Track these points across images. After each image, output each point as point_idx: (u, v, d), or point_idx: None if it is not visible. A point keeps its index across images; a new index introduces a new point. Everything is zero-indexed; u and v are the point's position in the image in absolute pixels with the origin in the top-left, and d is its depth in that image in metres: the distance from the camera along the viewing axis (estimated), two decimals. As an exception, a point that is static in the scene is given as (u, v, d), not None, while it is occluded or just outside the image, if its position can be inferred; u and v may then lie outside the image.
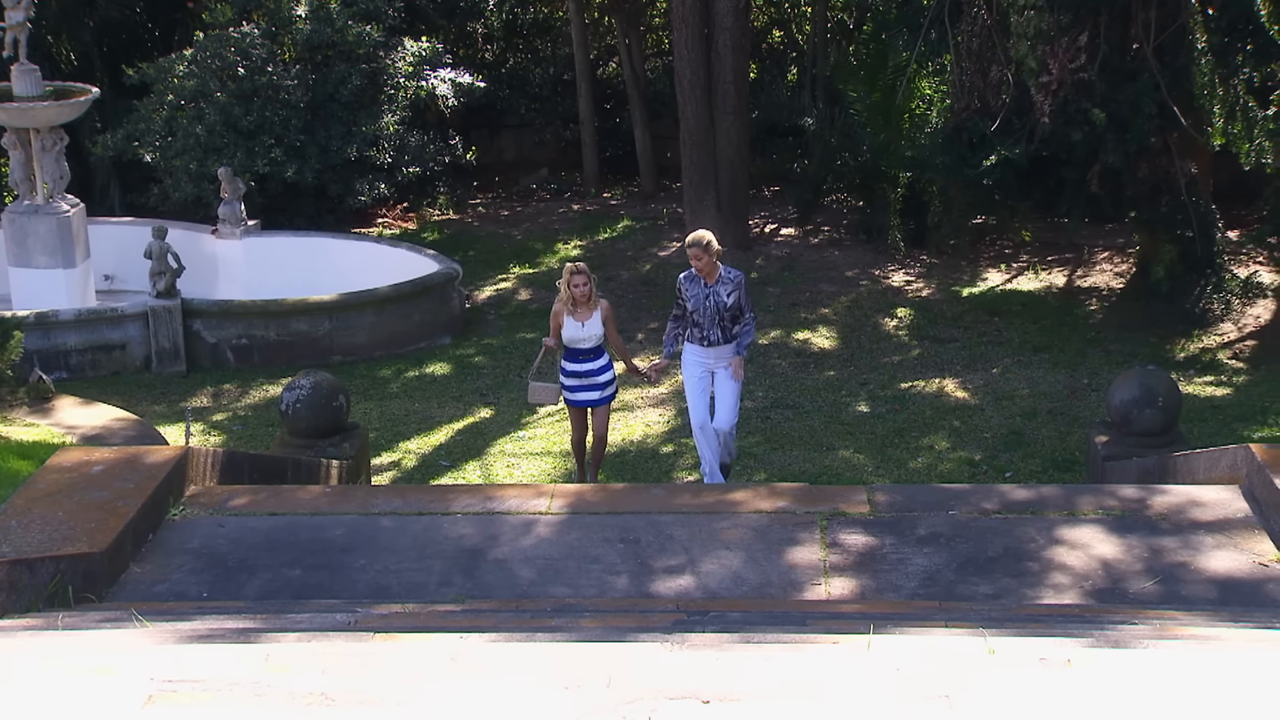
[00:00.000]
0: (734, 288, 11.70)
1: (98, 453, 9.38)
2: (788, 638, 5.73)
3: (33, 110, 18.84)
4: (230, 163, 21.50)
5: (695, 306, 11.72)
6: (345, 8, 23.63)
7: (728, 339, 11.78)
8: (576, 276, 12.24)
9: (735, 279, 11.76)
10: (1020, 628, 6.26)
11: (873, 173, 23.22)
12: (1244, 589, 7.77)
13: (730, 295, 11.68)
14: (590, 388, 12.40)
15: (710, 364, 11.89)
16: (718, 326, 11.71)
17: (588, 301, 12.26)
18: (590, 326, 12.28)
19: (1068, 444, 14.69)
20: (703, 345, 11.82)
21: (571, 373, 12.36)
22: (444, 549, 8.46)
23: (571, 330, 12.27)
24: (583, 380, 12.36)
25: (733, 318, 11.75)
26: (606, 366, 12.47)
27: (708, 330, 11.72)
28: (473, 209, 26.54)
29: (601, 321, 12.31)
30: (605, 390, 12.49)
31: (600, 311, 12.32)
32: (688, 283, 11.76)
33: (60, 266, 19.28)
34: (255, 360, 18.58)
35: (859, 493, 9.40)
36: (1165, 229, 18.62)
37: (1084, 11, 17.39)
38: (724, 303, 11.67)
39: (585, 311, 12.27)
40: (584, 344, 12.29)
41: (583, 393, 12.42)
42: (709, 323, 11.70)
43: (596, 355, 12.36)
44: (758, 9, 28.10)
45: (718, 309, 11.66)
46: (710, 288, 11.66)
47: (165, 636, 5.64)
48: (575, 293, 12.21)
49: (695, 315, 11.74)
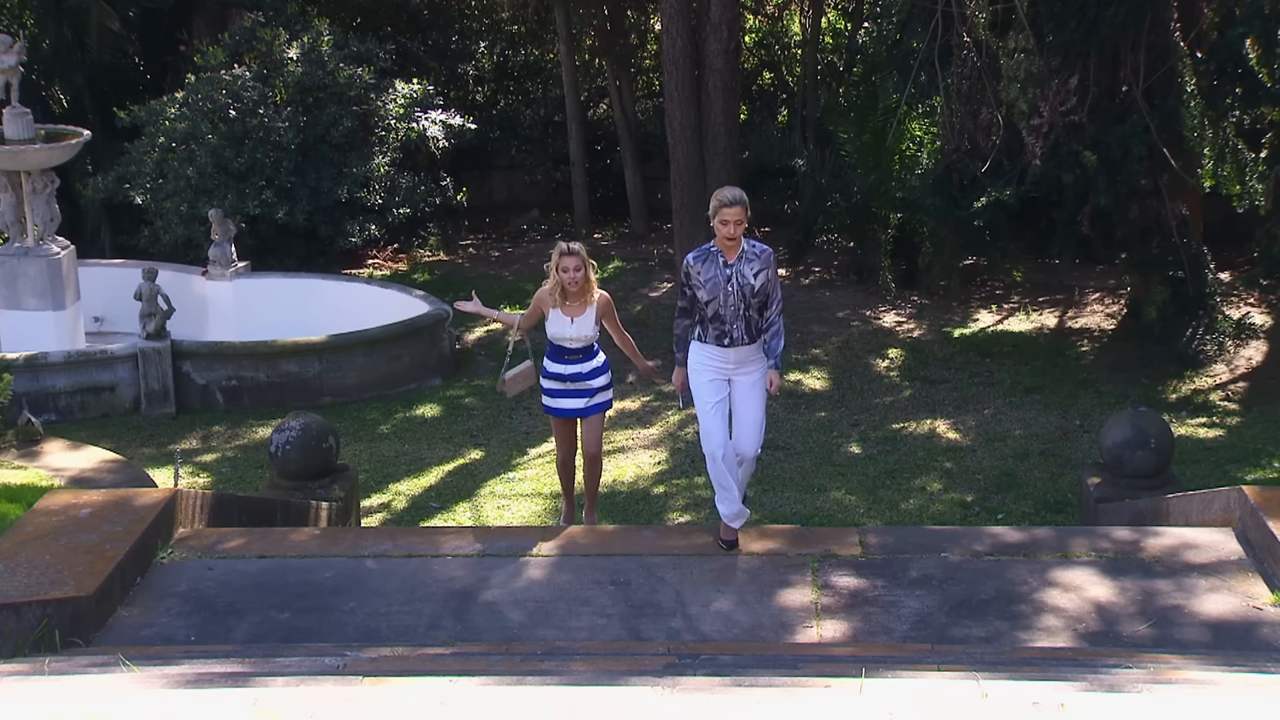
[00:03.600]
0: (762, 265, 9.17)
1: (86, 495, 9.35)
2: (780, 681, 5.70)
3: (24, 153, 18.83)
4: (221, 204, 21.50)
5: (712, 294, 9.12)
6: (337, 50, 23.74)
7: (753, 336, 9.22)
8: (567, 258, 9.98)
9: (763, 255, 9.21)
10: (1013, 671, 6.23)
11: (863, 214, 23.25)
12: (1238, 632, 7.74)
13: (758, 275, 9.13)
14: (578, 393, 10.23)
15: (729, 370, 9.30)
16: (742, 320, 9.14)
17: (582, 292, 10.06)
18: (581, 325, 10.11)
19: (1060, 485, 14.66)
20: (720, 345, 9.22)
21: (555, 374, 10.20)
22: (434, 591, 8.42)
23: (557, 325, 10.10)
24: (569, 384, 10.21)
25: (760, 307, 9.19)
26: (601, 368, 10.33)
27: (730, 325, 9.14)
28: (463, 250, 26.55)
29: (597, 319, 10.19)
30: (597, 396, 10.29)
31: (596, 307, 10.13)
32: (699, 263, 9.22)
33: (50, 309, 19.24)
34: (245, 402, 18.53)
35: (851, 534, 9.37)
36: (1157, 270, 18.63)
37: (1073, 54, 17.45)
38: (750, 285, 9.10)
39: (577, 305, 10.07)
40: (571, 343, 10.16)
41: (568, 399, 10.25)
42: (732, 315, 9.13)
43: (589, 354, 10.26)
44: (748, 51, 28.21)
45: (742, 295, 9.10)
46: (731, 266, 9.13)
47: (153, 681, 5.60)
48: (564, 279, 9.96)
49: (712, 306, 9.15)
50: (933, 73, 18.82)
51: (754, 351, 9.30)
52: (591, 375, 10.25)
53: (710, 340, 9.24)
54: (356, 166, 23.47)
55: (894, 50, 20.80)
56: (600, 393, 10.32)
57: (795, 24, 29.11)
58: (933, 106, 20.96)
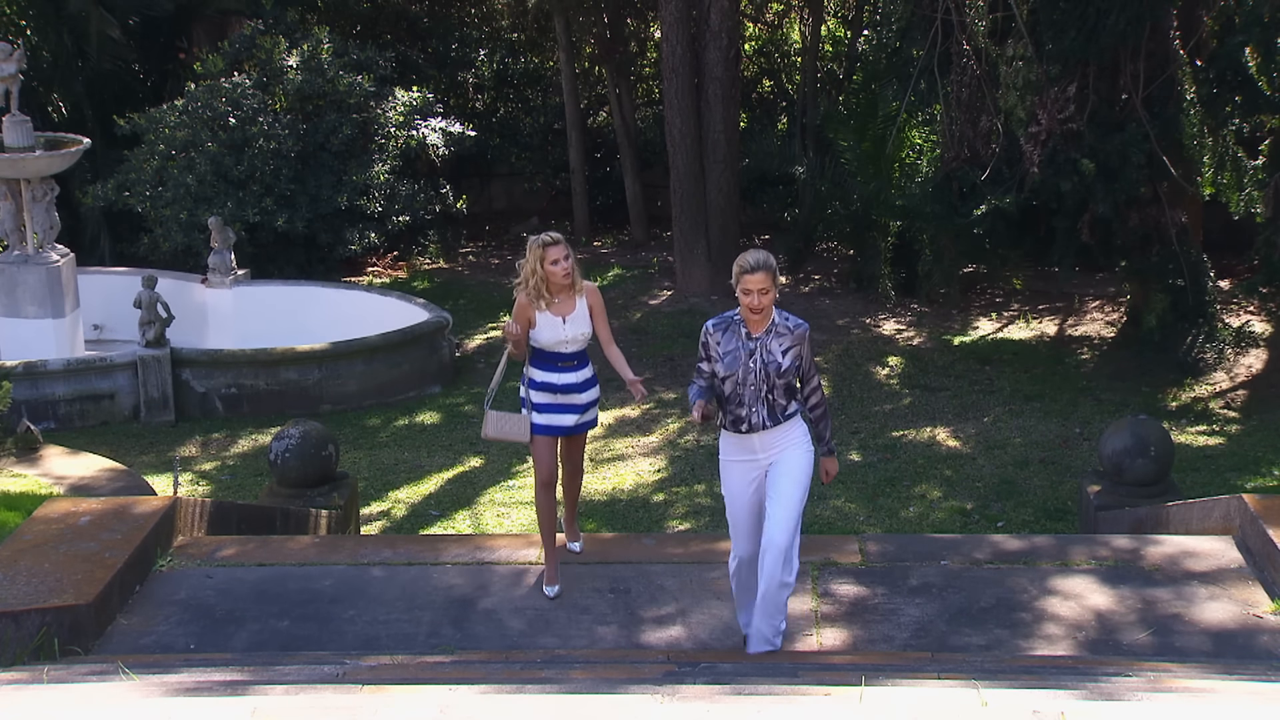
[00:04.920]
0: (793, 342, 7.78)
1: (85, 503, 9.34)
2: (779, 689, 5.69)
3: (24, 161, 18.83)
4: (220, 212, 21.50)
5: (729, 369, 7.74)
6: (336, 58, 23.74)
7: (777, 419, 7.78)
8: (552, 248, 8.61)
9: (796, 331, 7.81)
10: (1013, 679, 6.23)
11: (863, 221, 23.25)
12: (1238, 640, 7.74)
13: (787, 353, 7.76)
14: (569, 408, 8.78)
15: (760, 459, 7.85)
16: (763, 402, 7.74)
17: (570, 287, 8.68)
18: (575, 323, 8.69)
19: (1060, 493, 14.65)
20: (740, 432, 7.82)
21: (545, 385, 8.73)
22: (433, 599, 8.42)
23: (549, 331, 8.66)
24: (559, 398, 8.75)
25: (787, 390, 7.81)
26: (593, 380, 8.90)
27: (749, 408, 7.75)
28: (463, 258, 26.55)
29: (589, 315, 8.79)
30: (586, 413, 8.91)
31: (587, 300, 8.76)
32: (719, 332, 7.83)
33: (49, 316, 19.23)
34: (244, 410, 18.52)
35: (851, 542, 9.37)
36: (1156, 278, 18.63)
37: (1072, 62, 17.46)
38: (776, 364, 7.73)
39: (566, 302, 8.67)
40: (567, 347, 8.71)
41: (558, 415, 8.77)
42: (751, 396, 7.73)
43: (580, 363, 8.79)
44: (748, 59, 28.21)
45: (766, 375, 7.72)
46: (756, 340, 7.75)
47: (152, 690, 5.59)
48: (551, 272, 8.60)
49: (729, 383, 7.76)
50: (932, 81, 18.84)
51: (784, 433, 7.85)
52: (584, 387, 8.81)
53: (729, 426, 7.88)
54: (356, 174, 23.46)
55: (894, 58, 20.82)
56: (590, 408, 8.91)
57: (795, 32, 29.13)
58: (932, 114, 20.97)
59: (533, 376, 8.74)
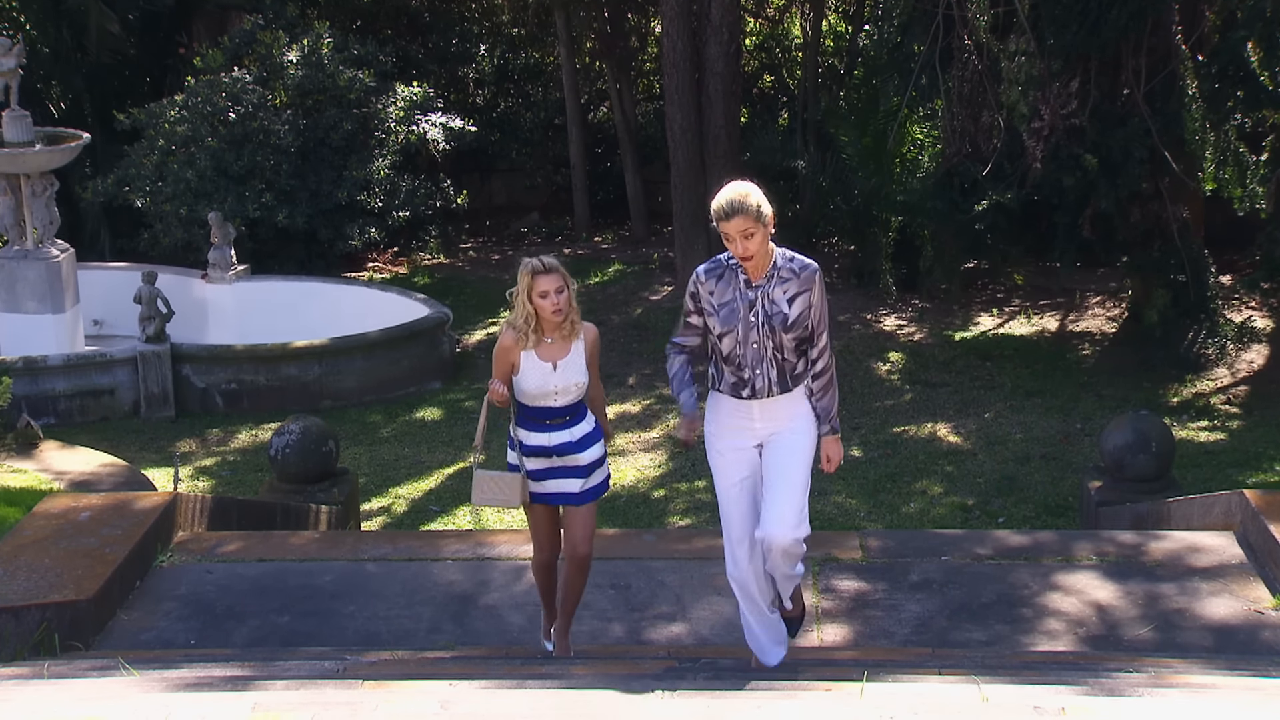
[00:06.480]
0: (800, 288, 6.56)
1: (85, 499, 9.35)
2: (780, 685, 5.69)
3: (23, 156, 18.81)
4: (221, 208, 21.48)
5: (727, 325, 6.50)
6: (337, 53, 23.71)
7: (786, 385, 6.57)
8: (543, 277, 7.01)
9: (803, 273, 6.60)
10: (1014, 675, 6.22)
11: (864, 217, 23.22)
12: (1239, 636, 7.73)
13: (794, 301, 6.54)
14: (569, 472, 7.17)
15: (756, 431, 6.64)
16: (769, 363, 6.51)
17: (563, 325, 7.06)
18: (568, 371, 7.09)
19: (1061, 489, 14.64)
20: (739, 397, 6.58)
21: (536, 448, 7.16)
22: (434, 595, 8.42)
23: (536, 377, 7.09)
24: (555, 461, 7.16)
25: (797, 346, 6.57)
26: (595, 434, 7.25)
27: (750, 370, 6.51)
28: (463, 253, 26.54)
29: (585, 361, 7.14)
30: (591, 477, 7.23)
31: (585, 343, 7.14)
32: (713, 280, 6.56)
33: (49, 312, 19.22)
34: (244, 405, 18.51)
35: (851, 538, 9.37)
36: (1158, 274, 18.61)
37: (1074, 58, 17.44)
38: (782, 315, 6.51)
39: (560, 344, 7.08)
40: (557, 399, 7.11)
41: (556, 480, 7.19)
42: (754, 356, 6.49)
43: (574, 418, 7.16)
44: (749, 54, 28.19)
45: (770, 329, 6.49)
46: (756, 289, 6.52)
47: (153, 685, 5.58)
48: (540, 306, 7.02)
49: (727, 341, 6.51)
50: (933, 76, 18.82)
51: (789, 404, 6.62)
52: (584, 444, 7.19)
53: (726, 389, 6.62)
54: (356, 170, 23.44)
55: (895, 53, 20.81)
56: (596, 469, 7.24)
57: (796, 27, 29.10)
58: (934, 110, 20.96)
59: (521, 440, 7.18)
